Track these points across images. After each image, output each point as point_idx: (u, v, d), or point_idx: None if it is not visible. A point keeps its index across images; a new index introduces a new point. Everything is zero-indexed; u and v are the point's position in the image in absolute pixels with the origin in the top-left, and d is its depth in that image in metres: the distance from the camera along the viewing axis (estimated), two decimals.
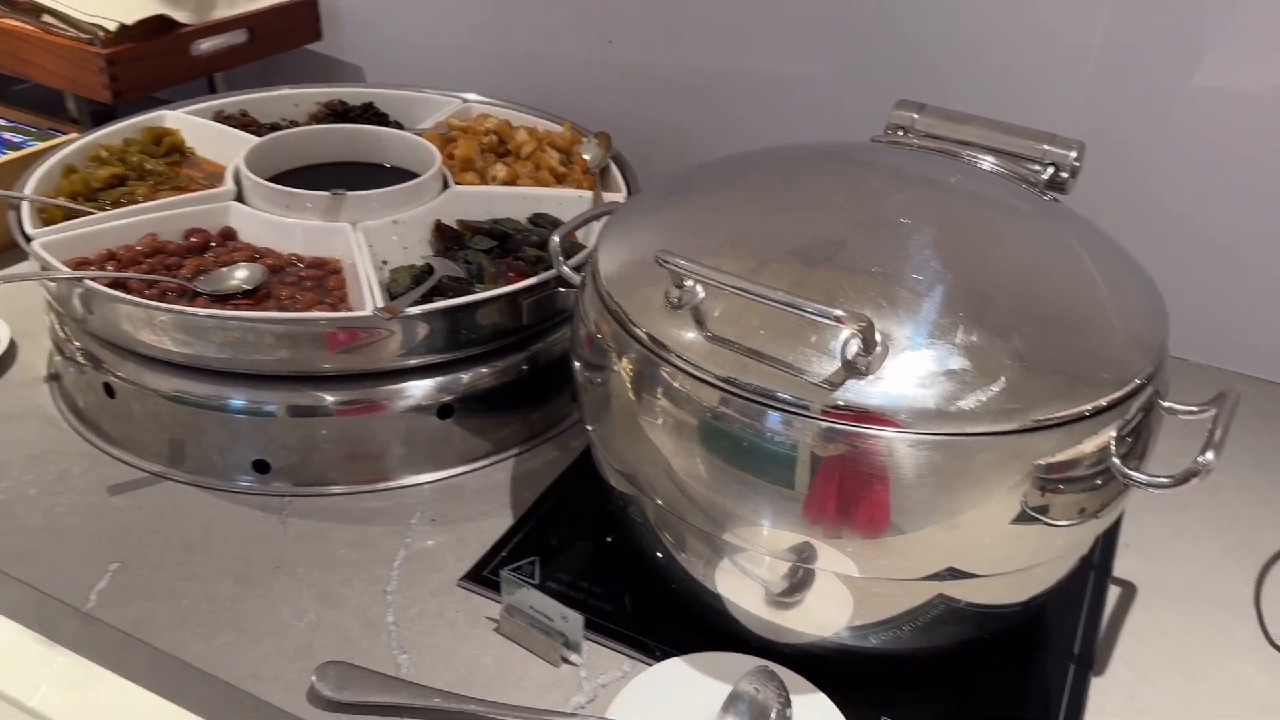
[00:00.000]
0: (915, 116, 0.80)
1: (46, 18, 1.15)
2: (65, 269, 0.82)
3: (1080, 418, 0.57)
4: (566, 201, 1.00)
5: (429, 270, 0.87)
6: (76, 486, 0.81)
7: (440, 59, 1.33)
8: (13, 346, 0.98)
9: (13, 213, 0.89)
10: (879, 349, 0.57)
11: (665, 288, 0.63)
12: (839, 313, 0.54)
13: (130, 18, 1.11)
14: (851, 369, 0.57)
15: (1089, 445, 0.57)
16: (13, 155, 1.12)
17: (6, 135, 1.19)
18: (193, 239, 0.90)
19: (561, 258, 0.79)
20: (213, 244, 0.90)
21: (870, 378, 0.57)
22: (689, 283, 0.62)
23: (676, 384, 0.62)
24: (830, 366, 0.57)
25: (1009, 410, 0.56)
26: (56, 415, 0.89)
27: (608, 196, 0.99)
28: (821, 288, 0.60)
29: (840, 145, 0.79)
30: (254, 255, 0.89)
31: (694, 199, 0.73)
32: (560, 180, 1.04)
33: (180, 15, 1.18)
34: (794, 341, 0.58)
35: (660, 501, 0.67)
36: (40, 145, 1.15)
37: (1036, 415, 0.56)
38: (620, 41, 1.20)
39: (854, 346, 0.56)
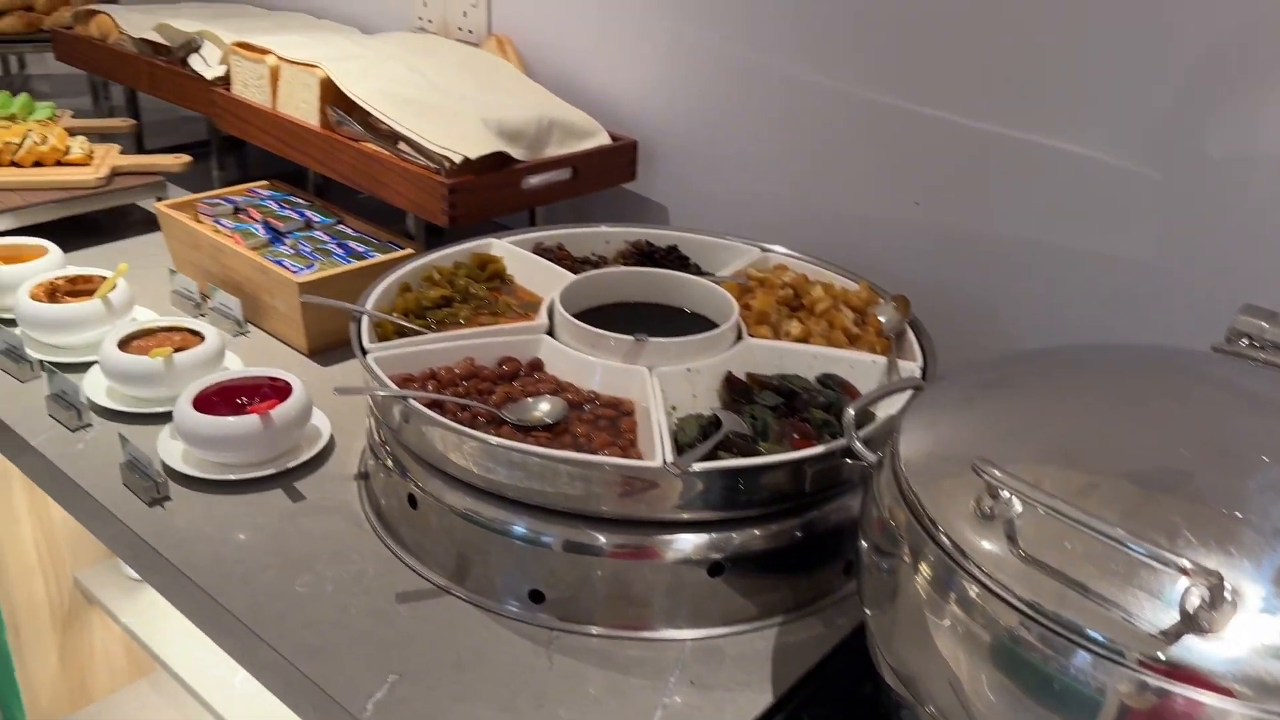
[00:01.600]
0: (1264, 325, 0.73)
1: (402, 145, 1.29)
2: (393, 386, 0.89)
3: None
4: (859, 365, 0.98)
5: (716, 423, 0.88)
6: (370, 588, 0.87)
7: (742, 206, 1.37)
8: (332, 441, 1.07)
9: (354, 324, 0.98)
10: (1227, 605, 0.50)
11: (976, 493, 0.60)
12: (1186, 564, 0.49)
13: (474, 152, 1.23)
14: (1190, 623, 0.51)
15: None
16: (358, 264, 1.25)
17: (352, 244, 1.33)
18: (505, 366, 0.96)
19: (855, 431, 0.77)
20: (522, 372, 0.96)
21: (1210, 635, 0.50)
22: (1005, 494, 0.58)
23: (975, 596, 0.58)
24: (1162, 615, 0.52)
25: None
26: (360, 514, 0.96)
27: (902, 365, 0.97)
28: (1160, 522, 0.55)
29: (1178, 352, 0.73)
30: (557, 388, 0.94)
31: (1011, 394, 0.70)
32: (853, 342, 1.03)
33: (516, 152, 1.29)
34: (1120, 578, 0.53)
35: (938, 712, 0.62)
36: (380, 258, 1.28)
37: None
38: (928, 203, 1.19)
39: (1196, 598, 0.51)
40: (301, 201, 1.44)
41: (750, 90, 1.32)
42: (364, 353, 0.94)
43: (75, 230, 1.47)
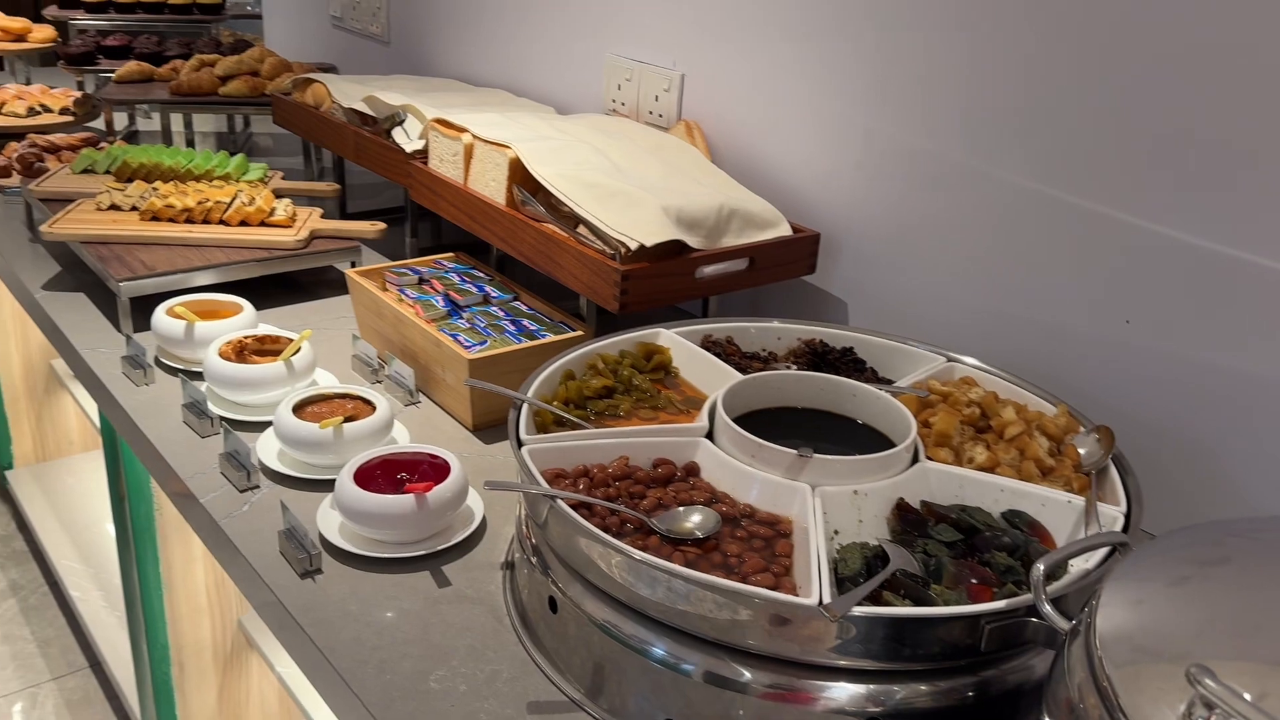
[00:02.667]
0: None
1: (581, 229, 1.29)
2: (543, 483, 0.86)
3: None
4: (1052, 504, 0.88)
5: (883, 557, 0.80)
6: (501, 693, 0.83)
7: (928, 310, 1.28)
8: (484, 524, 1.05)
9: (513, 412, 0.97)
10: None
11: (1185, 699, 0.50)
12: None
13: (650, 239, 1.20)
14: None
15: None
16: (527, 344, 1.25)
17: (526, 321, 1.33)
18: (660, 469, 0.92)
19: (1045, 590, 0.68)
20: (677, 477, 0.91)
21: None
22: (1222, 713, 0.48)
23: None
24: None
25: None
26: (502, 608, 0.94)
27: (1103, 509, 0.86)
28: None
29: None
30: (712, 497, 0.89)
31: (1239, 579, 0.59)
32: (1046, 474, 0.93)
33: (693, 241, 1.26)
34: None
35: None
36: (550, 338, 1.27)
37: None
38: (1141, 322, 1.08)
39: None
40: (483, 275, 1.46)
41: (945, 189, 1.24)
42: (519, 444, 0.92)
43: (273, 287, 1.55)
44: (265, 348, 1.30)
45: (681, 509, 0.86)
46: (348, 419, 1.13)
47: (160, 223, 1.56)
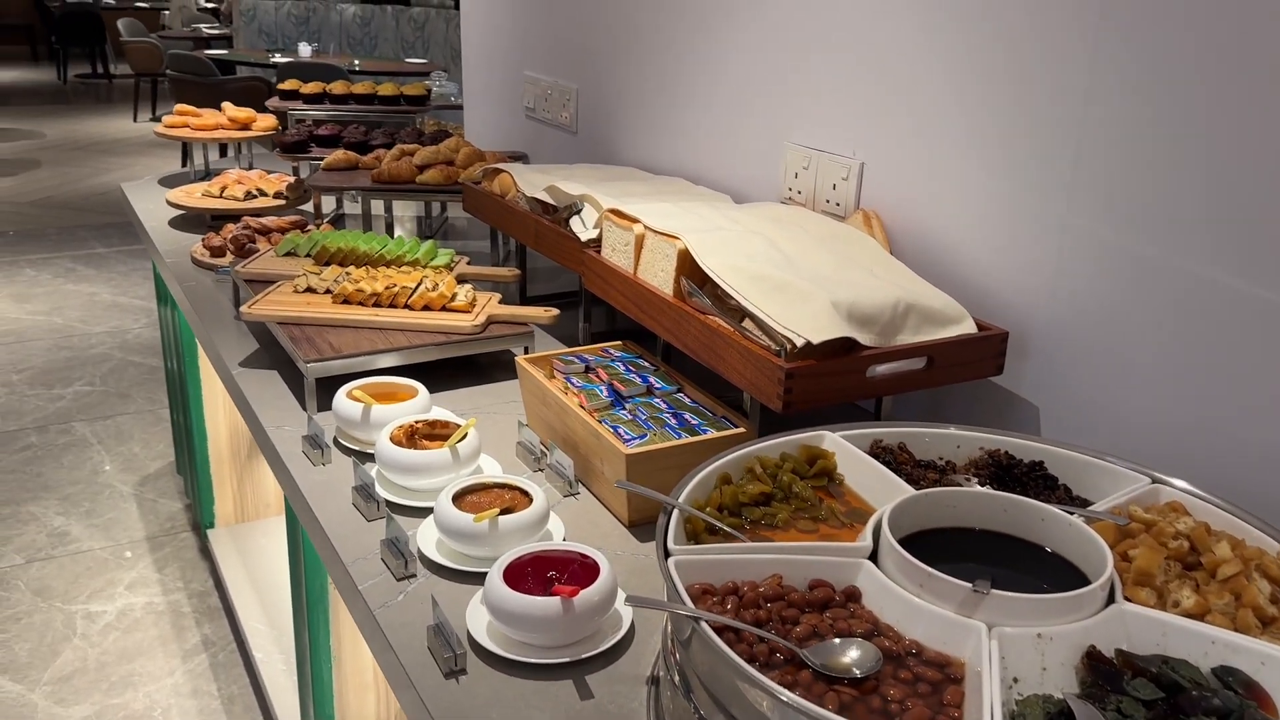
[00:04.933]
0: None
1: (747, 323, 1.25)
2: (688, 602, 0.81)
3: None
4: (1273, 662, 0.76)
5: (1068, 714, 0.71)
6: None
7: (1131, 422, 1.16)
8: (632, 631, 1.01)
9: (663, 518, 0.93)
10: None
11: None
12: None
13: (817, 336, 1.15)
14: None
15: None
16: (687, 440, 1.21)
17: (687, 415, 1.29)
18: (816, 591, 0.85)
19: None
20: (835, 602, 0.84)
21: None
22: None
23: None
24: None
25: None
26: None
27: None
28: None
29: None
30: (873, 629, 0.81)
31: None
32: (1267, 626, 0.80)
33: (865, 338, 1.19)
34: None
35: None
36: (712, 434, 1.23)
37: None
38: None
39: None
40: (648, 365, 1.44)
41: (1152, 289, 1.13)
42: (666, 554, 0.88)
43: (451, 369, 1.59)
44: (435, 432, 1.32)
45: (838, 641, 0.79)
46: (504, 510, 1.12)
47: (350, 305, 1.63)
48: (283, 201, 2.41)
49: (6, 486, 3.17)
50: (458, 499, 1.15)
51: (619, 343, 1.51)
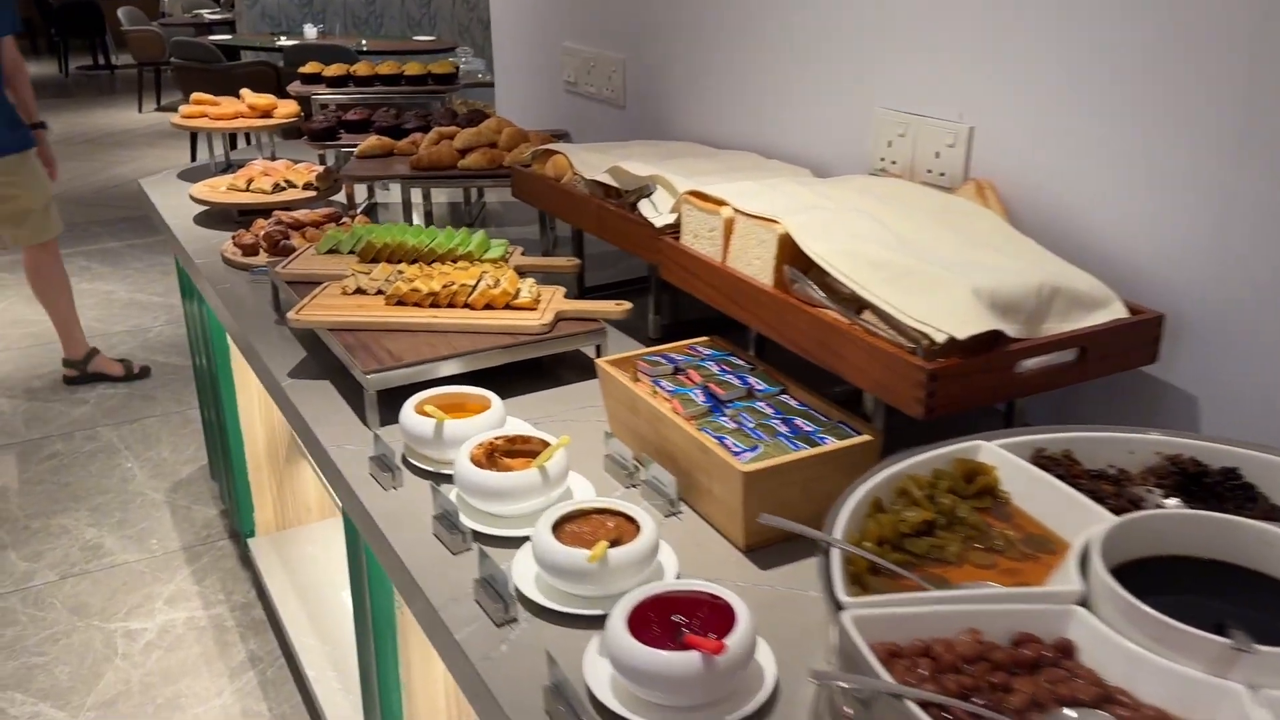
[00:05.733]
0: None
1: (867, 315, 1.11)
2: (886, 675, 0.67)
3: None
4: None
5: None
6: None
7: None
8: (777, 688, 0.88)
9: (821, 558, 0.79)
10: None
11: None
12: None
13: (964, 330, 1.01)
14: None
15: None
16: (811, 452, 1.07)
17: (799, 421, 1.15)
18: (1022, 649, 0.71)
19: None
20: (1046, 659, 0.71)
21: None
22: None
23: None
24: None
25: None
26: None
27: None
28: None
29: None
30: (1100, 692, 0.68)
31: None
32: None
33: (1011, 329, 1.05)
34: None
35: None
36: (834, 444, 1.09)
37: None
38: None
39: None
40: (743, 364, 1.30)
41: None
42: (837, 607, 0.74)
43: (516, 372, 1.45)
44: (516, 448, 1.19)
45: (1067, 711, 0.66)
46: (613, 542, 0.99)
47: (405, 307, 1.49)
48: (313, 193, 2.27)
49: (35, 498, 3.06)
50: (555, 529, 1.02)
51: (706, 339, 1.37)
